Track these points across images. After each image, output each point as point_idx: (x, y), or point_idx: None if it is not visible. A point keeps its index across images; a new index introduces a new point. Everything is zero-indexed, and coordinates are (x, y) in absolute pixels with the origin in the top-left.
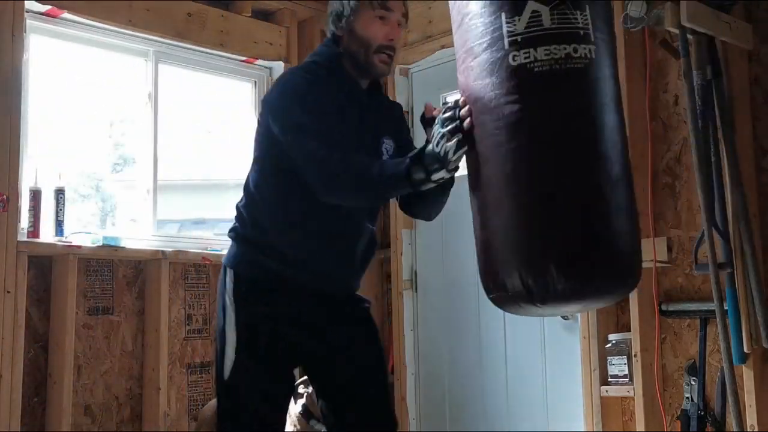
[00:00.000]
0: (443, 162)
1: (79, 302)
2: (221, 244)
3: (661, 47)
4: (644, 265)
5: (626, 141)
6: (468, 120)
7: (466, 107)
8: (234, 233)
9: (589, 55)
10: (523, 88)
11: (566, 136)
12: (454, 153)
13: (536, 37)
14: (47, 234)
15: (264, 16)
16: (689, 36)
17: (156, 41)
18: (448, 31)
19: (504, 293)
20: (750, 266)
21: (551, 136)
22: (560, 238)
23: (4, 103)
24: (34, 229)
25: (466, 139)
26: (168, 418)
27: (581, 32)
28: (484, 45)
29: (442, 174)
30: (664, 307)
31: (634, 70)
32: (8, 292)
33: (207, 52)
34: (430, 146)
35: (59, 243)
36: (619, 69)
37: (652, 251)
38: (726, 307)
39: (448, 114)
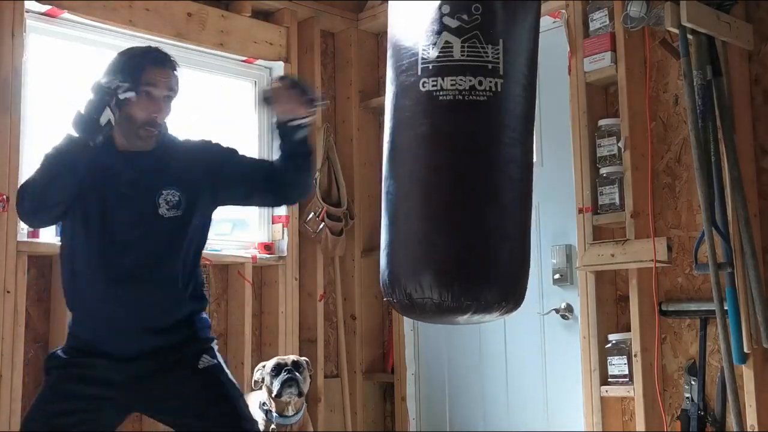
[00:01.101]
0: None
1: None
2: (221, 244)
3: (661, 47)
4: (644, 265)
5: (527, 174)
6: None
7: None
8: None
9: (494, 89)
10: (429, 114)
11: (460, 164)
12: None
13: (445, 67)
14: (47, 234)
15: (264, 16)
16: (689, 36)
17: (156, 41)
18: None
19: (392, 298)
20: (750, 266)
21: (447, 161)
22: (441, 257)
23: (4, 103)
24: (34, 229)
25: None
26: None
27: (489, 66)
28: (403, 68)
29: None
30: (664, 307)
31: (634, 70)
32: (8, 292)
33: (207, 52)
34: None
35: (59, 243)
36: (619, 69)
37: (652, 251)
38: (726, 307)
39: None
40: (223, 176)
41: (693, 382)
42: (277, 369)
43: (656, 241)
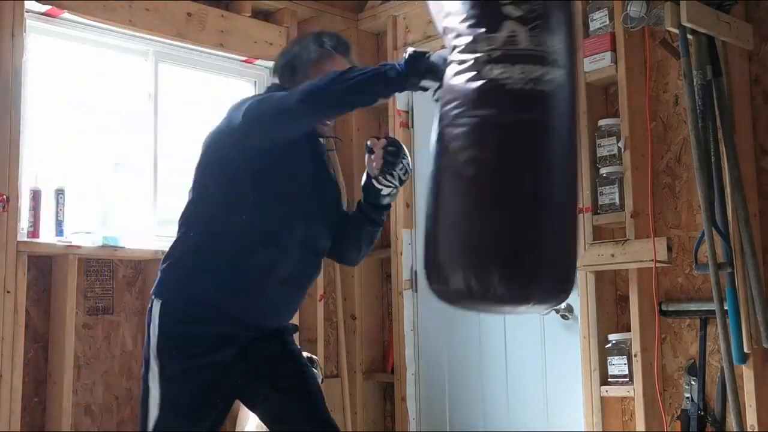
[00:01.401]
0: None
1: (79, 302)
2: None
3: (661, 47)
4: (644, 265)
5: (576, 167)
6: None
7: None
8: (168, 264)
9: (558, 80)
10: (495, 102)
11: (525, 152)
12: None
13: (512, 55)
14: (47, 234)
15: (264, 16)
16: (689, 36)
17: (156, 41)
18: None
19: (445, 288)
20: (750, 266)
21: (511, 150)
22: (505, 244)
23: (4, 103)
24: (34, 229)
25: None
26: None
27: (552, 57)
28: (459, 53)
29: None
30: (664, 307)
31: (634, 70)
32: (8, 292)
33: (207, 52)
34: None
35: (59, 243)
36: (619, 69)
37: (652, 251)
38: (726, 307)
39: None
40: None
41: (693, 382)
42: None
43: (656, 241)
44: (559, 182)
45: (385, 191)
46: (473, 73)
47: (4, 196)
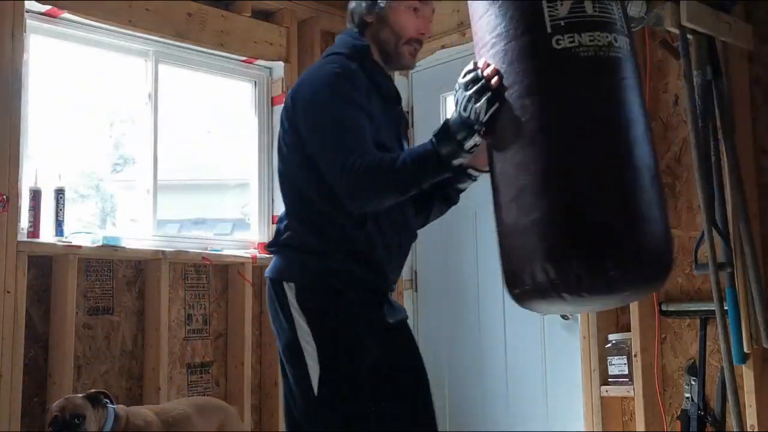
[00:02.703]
0: (472, 125)
1: (79, 302)
2: (221, 244)
3: (661, 47)
4: None
5: (652, 131)
6: (496, 78)
7: (492, 67)
8: (285, 244)
9: (625, 46)
10: (568, 73)
11: (607, 125)
12: (486, 113)
13: (580, 23)
14: (47, 234)
15: (264, 16)
16: (689, 36)
17: (156, 41)
18: (449, 31)
19: (532, 287)
20: (750, 266)
21: (593, 124)
22: (595, 233)
23: (4, 103)
24: (34, 229)
25: (496, 96)
26: None
27: (618, 24)
28: (521, 29)
29: (473, 140)
30: (664, 307)
31: None
32: (8, 292)
33: (207, 52)
34: (453, 115)
35: (59, 243)
36: None
37: None
38: (726, 307)
39: (469, 77)
40: None
41: (693, 382)
42: (52, 425)
43: None
44: (646, 147)
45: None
46: (544, 46)
47: (4, 196)
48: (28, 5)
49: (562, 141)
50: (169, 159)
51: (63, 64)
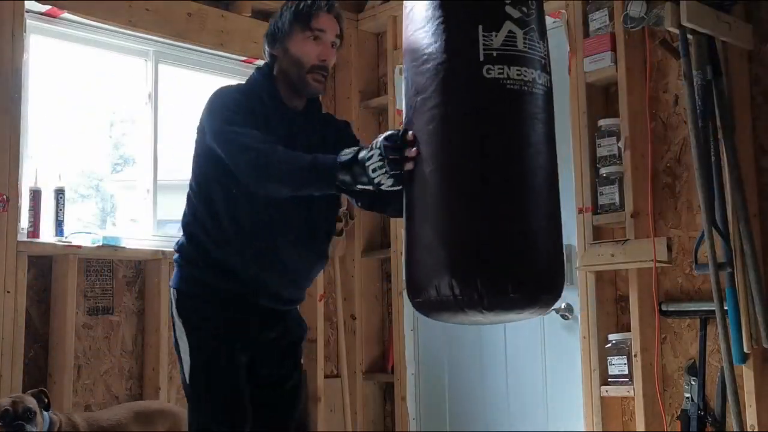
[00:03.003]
0: (371, 184)
1: (79, 302)
2: None
3: (661, 47)
4: (644, 265)
5: (556, 174)
6: (411, 163)
7: (414, 148)
8: (178, 255)
9: (547, 84)
10: (495, 101)
11: (524, 153)
12: (388, 186)
13: (511, 57)
14: (47, 234)
15: (264, 16)
16: (689, 36)
17: (156, 41)
18: None
19: (431, 299)
20: (750, 266)
21: (512, 150)
22: (492, 254)
23: (4, 103)
24: (34, 229)
25: (402, 177)
26: None
27: (543, 61)
28: (455, 52)
29: (367, 187)
30: (664, 307)
31: (634, 70)
32: (8, 292)
33: (207, 52)
34: (364, 157)
35: (59, 243)
36: (619, 69)
37: (652, 251)
38: (726, 307)
39: (391, 143)
40: None
41: (693, 382)
42: (3, 418)
43: (656, 241)
44: (546, 188)
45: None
46: (475, 74)
47: (4, 196)
48: (28, 5)
49: (474, 165)
50: (169, 159)
51: (63, 64)
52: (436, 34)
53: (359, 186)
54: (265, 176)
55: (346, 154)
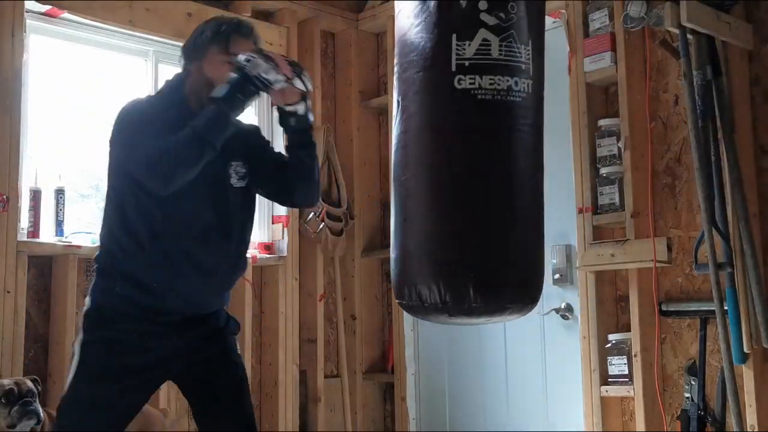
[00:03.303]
0: (267, 84)
1: (79, 302)
2: None
3: (661, 47)
4: (644, 265)
5: (541, 177)
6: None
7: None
8: (96, 265)
9: (526, 90)
10: (463, 112)
11: (494, 164)
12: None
13: (483, 65)
14: (47, 234)
15: (264, 16)
16: (689, 36)
17: (156, 41)
18: None
19: (419, 303)
20: (750, 266)
21: (481, 161)
22: (478, 259)
23: (4, 103)
24: (34, 229)
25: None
26: (168, 418)
27: (523, 66)
28: (430, 62)
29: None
30: (664, 307)
31: (634, 70)
32: (8, 292)
33: None
34: (248, 71)
35: (59, 243)
36: (619, 69)
37: (652, 251)
38: (726, 307)
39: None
40: (262, 158)
41: (693, 382)
42: (8, 397)
43: (656, 241)
44: (526, 192)
45: (300, 109)
46: (446, 85)
47: (4, 196)
48: (28, 5)
49: (445, 176)
50: None
51: (63, 64)
52: (415, 42)
53: (248, 101)
54: (166, 166)
55: (221, 89)
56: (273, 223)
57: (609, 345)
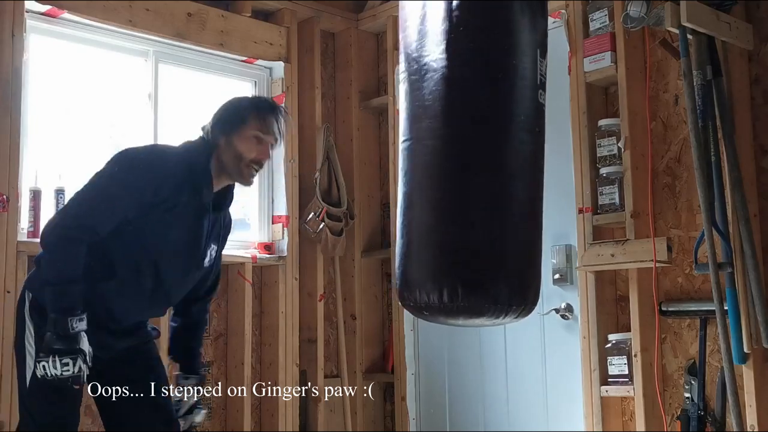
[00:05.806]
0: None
1: None
2: None
3: (661, 47)
4: (644, 265)
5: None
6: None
7: None
8: (38, 258)
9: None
10: (540, 123)
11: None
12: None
13: (544, 84)
14: None
15: (264, 16)
16: (689, 36)
17: (156, 41)
18: None
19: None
20: (750, 266)
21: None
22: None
23: (4, 103)
24: (34, 229)
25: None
26: None
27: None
28: (524, 75)
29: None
30: (664, 307)
31: (634, 70)
32: (8, 292)
33: (207, 52)
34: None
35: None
36: (619, 69)
37: (652, 251)
38: (726, 307)
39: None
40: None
41: (693, 382)
42: None
43: (656, 241)
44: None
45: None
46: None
47: (4, 196)
48: (28, 5)
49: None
50: None
51: (63, 64)
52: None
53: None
54: (47, 250)
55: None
56: (273, 223)
57: (609, 345)
